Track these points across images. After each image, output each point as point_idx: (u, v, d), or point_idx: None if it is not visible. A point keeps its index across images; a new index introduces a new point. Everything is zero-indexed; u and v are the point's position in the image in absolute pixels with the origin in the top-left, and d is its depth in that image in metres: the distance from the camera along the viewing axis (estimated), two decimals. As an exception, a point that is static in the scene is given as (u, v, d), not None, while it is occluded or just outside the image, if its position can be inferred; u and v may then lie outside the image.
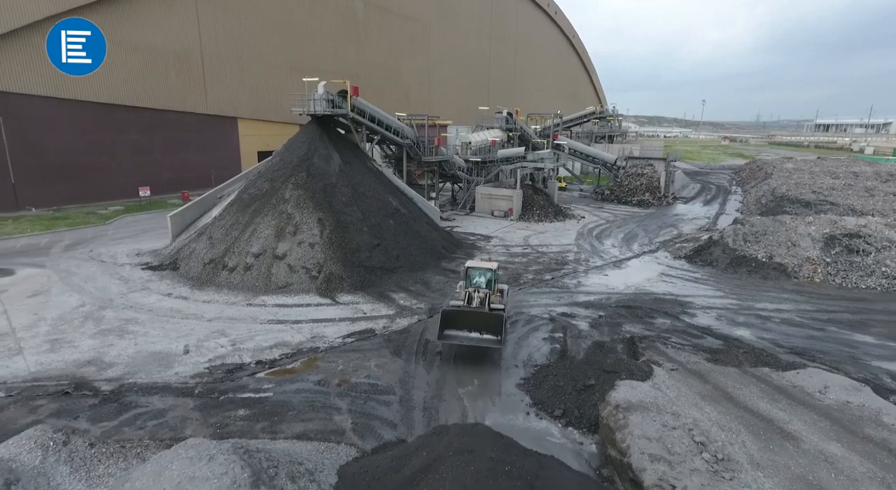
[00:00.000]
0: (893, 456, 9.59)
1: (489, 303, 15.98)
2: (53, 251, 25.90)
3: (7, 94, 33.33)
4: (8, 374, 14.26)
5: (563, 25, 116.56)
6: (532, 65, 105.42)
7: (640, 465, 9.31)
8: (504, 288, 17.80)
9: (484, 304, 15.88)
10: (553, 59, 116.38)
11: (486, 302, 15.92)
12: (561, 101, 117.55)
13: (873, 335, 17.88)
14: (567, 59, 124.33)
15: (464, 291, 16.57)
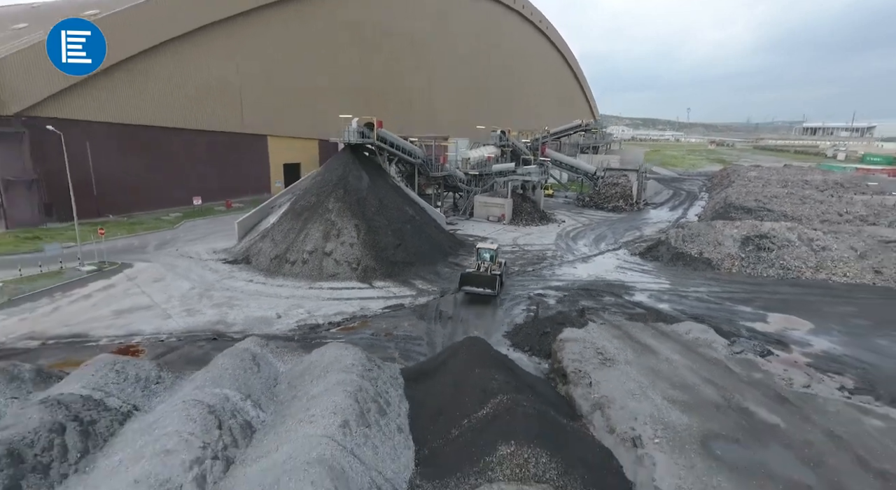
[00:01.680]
0: (706, 360, 17.19)
1: (490, 270, 26.36)
2: (149, 250, 33.41)
3: (91, 123, 40.73)
4: (170, 328, 21.77)
5: (557, 41, 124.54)
6: (527, 78, 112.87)
7: (566, 365, 16.88)
8: (502, 261, 28.72)
9: (487, 270, 26.26)
10: (547, 72, 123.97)
11: (488, 269, 26.40)
12: (555, 111, 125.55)
13: (752, 307, 25.48)
14: (560, 72, 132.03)
15: (476, 263, 27.25)
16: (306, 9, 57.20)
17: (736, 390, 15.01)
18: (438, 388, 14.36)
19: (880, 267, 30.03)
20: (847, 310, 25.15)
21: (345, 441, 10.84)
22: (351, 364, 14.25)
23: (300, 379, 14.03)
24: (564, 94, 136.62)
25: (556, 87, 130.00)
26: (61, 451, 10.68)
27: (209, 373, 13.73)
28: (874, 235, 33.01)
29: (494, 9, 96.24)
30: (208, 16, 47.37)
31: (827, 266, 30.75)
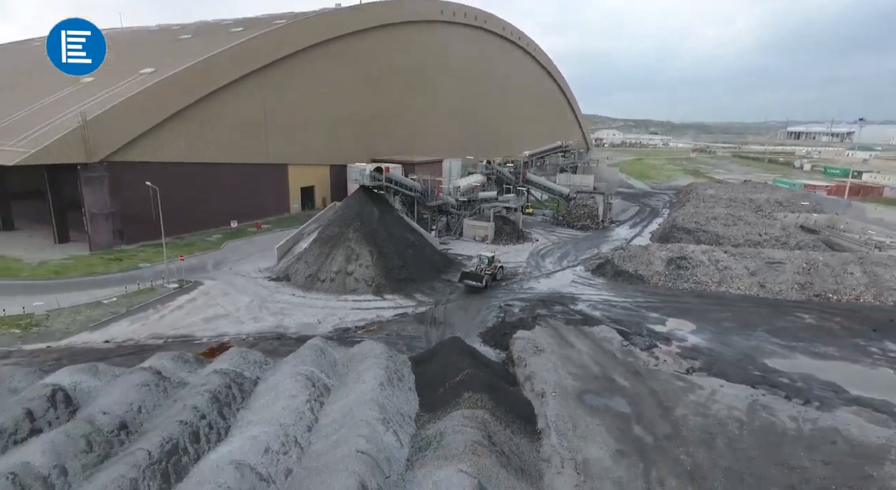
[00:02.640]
0: (602, 351, 26.91)
1: (483, 270, 38.07)
2: (209, 269, 42.94)
3: (150, 163, 50.06)
4: (245, 330, 31.33)
5: (547, 65, 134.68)
6: (519, 100, 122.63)
7: (513, 354, 26.56)
8: (500, 265, 41.23)
9: (481, 270, 37.67)
10: (538, 94, 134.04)
11: (482, 269, 37.83)
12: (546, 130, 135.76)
13: (659, 313, 35.22)
14: (551, 94, 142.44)
15: (476, 264, 39.48)
16: (321, 54, 66.52)
17: (611, 368, 24.75)
18: (431, 368, 24.00)
19: (764, 282, 39.89)
20: (725, 315, 34.95)
21: (382, 393, 20.41)
22: (379, 353, 23.88)
23: (350, 361, 23.65)
24: (555, 114, 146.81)
25: (547, 108, 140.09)
26: (233, 396, 20.28)
27: (297, 358, 23.33)
28: (766, 257, 42.74)
29: (489, 38, 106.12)
30: (243, 69, 56.79)
31: (727, 281, 40.61)
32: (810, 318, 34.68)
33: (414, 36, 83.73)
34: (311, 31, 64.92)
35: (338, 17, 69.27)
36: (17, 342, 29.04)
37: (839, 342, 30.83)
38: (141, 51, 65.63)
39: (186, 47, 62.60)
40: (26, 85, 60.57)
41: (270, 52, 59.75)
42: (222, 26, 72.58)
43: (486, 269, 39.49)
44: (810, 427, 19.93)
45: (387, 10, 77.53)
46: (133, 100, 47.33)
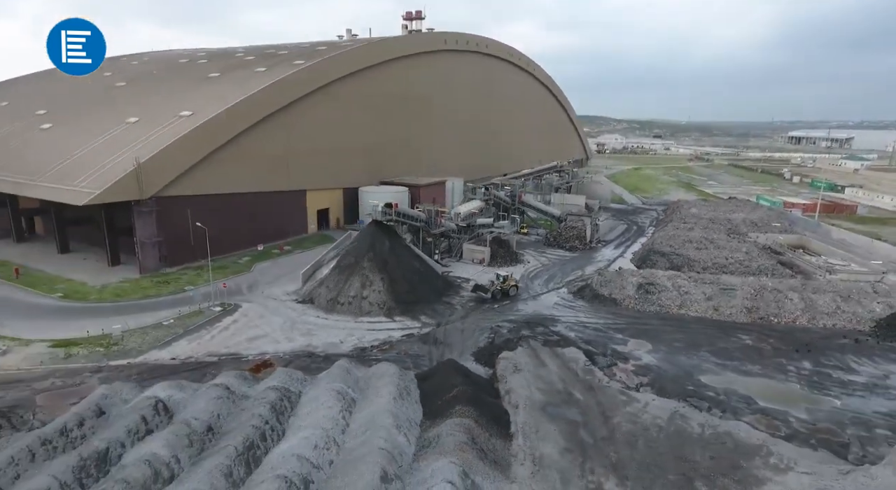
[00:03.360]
0: (568, 369, 33.95)
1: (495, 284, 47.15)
2: (244, 291, 50.25)
3: (190, 196, 57.40)
4: (282, 349, 38.56)
5: (550, 85, 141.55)
6: (522, 118, 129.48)
7: (497, 371, 33.65)
8: (513, 282, 49.21)
9: (493, 285, 46.70)
10: (540, 112, 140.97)
11: (495, 284, 46.74)
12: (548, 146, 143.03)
13: (624, 334, 42.15)
14: (553, 111, 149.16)
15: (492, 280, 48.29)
16: (336, 89, 73.65)
17: (571, 385, 31.80)
18: (432, 384, 31.11)
19: (718, 306, 46.77)
20: (679, 336, 41.86)
21: (395, 405, 27.54)
22: (392, 373, 31.05)
23: (370, 379, 30.82)
24: (556, 127, 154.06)
25: (547, 122, 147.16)
26: (285, 407, 27.51)
27: (330, 376, 30.50)
28: (722, 283, 49.47)
29: (489, 62, 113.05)
30: (268, 110, 64.05)
31: (686, 305, 47.49)
32: (749, 340, 41.55)
33: (420, 66, 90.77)
34: (328, 70, 72.11)
35: (353, 55, 76.37)
36: (103, 359, 36.43)
37: (765, 361, 37.74)
38: (176, 88, 72.99)
39: (216, 87, 69.91)
40: (76, 120, 68.00)
41: (292, 93, 66.98)
42: (244, 63, 79.85)
43: (500, 285, 49.39)
44: (711, 431, 26.88)
45: (396, 45, 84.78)
46: (176, 144, 54.64)
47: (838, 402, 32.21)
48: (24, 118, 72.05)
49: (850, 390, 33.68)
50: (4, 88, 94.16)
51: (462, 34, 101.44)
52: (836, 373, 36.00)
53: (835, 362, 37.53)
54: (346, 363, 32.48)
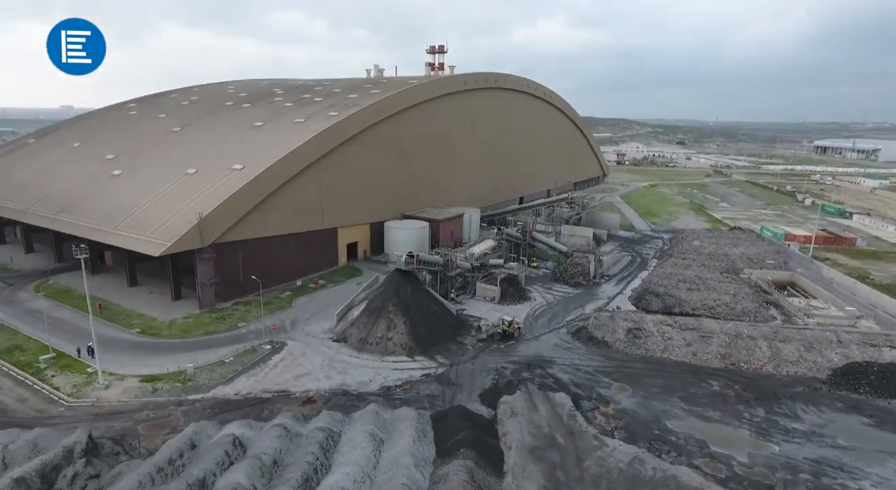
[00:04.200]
0: (555, 414, 41.52)
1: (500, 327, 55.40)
2: (287, 328, 58.94)
3: (241, 241, 66.41)
4: (323, 387, 47.00)
5: (566, 109, 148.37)
6: (539, 144, 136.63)
7: (497, 414, 41.49)
8: (517, 325, 56.85)
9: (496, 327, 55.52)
10: (557, 136, 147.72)
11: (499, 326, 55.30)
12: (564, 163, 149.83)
13: (610, 378, 49.40)
14: (568, 131, 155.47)
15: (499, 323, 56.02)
16: (365, 136, 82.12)
17: (556, 429, 39.40)
18: (444, 426, 39.07)
19: (696, 352, 53.63)
20: (657, 381, 48.94)
21: (414, 446, 35.59)
22: (413, 417, 39.16)
23: (394, 421, 38.96)
24: (572, 148, 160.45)
25: (564, 144, 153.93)
26: (330, 445, 35.86)
27: (364, 418, 38.73)
28: (703, 329, 56.17)
29: (506, 95, 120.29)
30: (307, 161, 72.83)
31: (669, 350, 54.46)
32: (717, 385, 48.45)
33: (442, 107, 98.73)
34: (359, 120, 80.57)
35: (381, 105, 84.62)
36: (182, 393, 45.44)
37: (727, 407, 44.68)
38: (225, 137, 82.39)
39: (261, 138, 79.07)
40: (142, 167, 77.89)
41: (327, 144, 75.64)
42: (284, 110, 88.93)
43: (504, 328, 57.45)
44: (660, 474, 34.21)
45: (420, 91, 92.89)
46: (231, 199, 63.63)
47: (777, 449, 39.12)
48: (96, 162, 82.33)
49: (791, 437, 40.50)
50: (78, 125, 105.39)
51: (480, 74, 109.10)
52: (783, 420, 42.78)
53: (785, 410, 44.26)
54: (376, 407, 40.77)
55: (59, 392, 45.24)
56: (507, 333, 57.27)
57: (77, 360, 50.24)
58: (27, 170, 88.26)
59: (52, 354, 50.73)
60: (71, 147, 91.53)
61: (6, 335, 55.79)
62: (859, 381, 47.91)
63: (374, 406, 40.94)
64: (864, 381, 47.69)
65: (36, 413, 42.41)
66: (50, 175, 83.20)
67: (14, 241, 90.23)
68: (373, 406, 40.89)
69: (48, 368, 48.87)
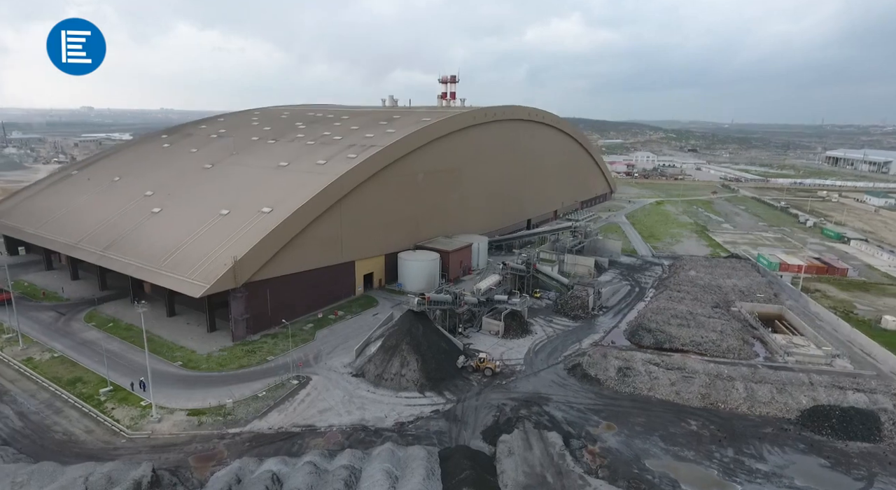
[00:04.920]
0: (547, 453, 47.73)
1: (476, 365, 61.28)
2: (311, 362, 65.75)
3: (267, 279, 73.45)
4: (344, 422, 53.66)
5: (571, 132, 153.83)
6: (546, 168, 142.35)
7: (497, 454, 47.83)
8: (494, 363, 62.39)
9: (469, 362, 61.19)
10: (564, 159, 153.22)
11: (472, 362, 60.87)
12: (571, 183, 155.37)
13: (598, 416, 55.38)
14: (575, 153, 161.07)
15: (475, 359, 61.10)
16: (382, 176, 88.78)
17: (547, 469, 45.59)
18: (449, 464, 45.44)
19: (679, 391, 59.39)
20: (641, 420, 54.82)
21: (423, 484, 42.08)
22: (422, 456, 45.66)
23: (407, 459, 45.46)
24: (579, 169, 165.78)
25: (571, 165, 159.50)
26: (353, 481, 42.49)
27: (381, 456, 45.27)
28: (687, 369, 61.85)
29: (514, 124, 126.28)
30: (329, 202, 79.65)
31: (654, 388, 60.28)
32: (695, 425, 54.22)
33: (453, 142, 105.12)
34: (377, 162, 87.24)
35: (396, 147, 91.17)
36: (223, 427, 52.41)
37: (701, 447, 50.49)
38: (254, 177, 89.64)
39: (287, 179, 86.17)
40: (179, 206, 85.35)
41: (347, 185, 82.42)
42: (306, 149, 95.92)
43: (476, 363, 63.43)
44: (632, 513, 40.31)
45: (433, 130, 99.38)
46: (261, 242, 70.60)
47: (739, 489, 44.95)
48: (136, 198, 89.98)
49: (753, 477, 46.25)
50: (117, 158, 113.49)
51: (489, 108, 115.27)
52: (749, 461, 48.50)
53: (752, 451, 49.96)
54: (391, 445, 47.36)
55: (120, 424, 52.47)
56: (479, 369, 63.31)
57: (131, 394, 57.51)
58: (72, 203, 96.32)
59: (110, 387, 58.06)
60: (112, 181, 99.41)
61: (67, 367, 63.36)
62: (823, 423, 53.36)
63: (389, 445, 47.53)
64: (827, 423, 53.14)
65: (103, 444, 49.63)
66: (94, 209, 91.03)
67: (60, 267, 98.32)
68: (388, 445, 47.48)
69: (108, 401, 56.17)
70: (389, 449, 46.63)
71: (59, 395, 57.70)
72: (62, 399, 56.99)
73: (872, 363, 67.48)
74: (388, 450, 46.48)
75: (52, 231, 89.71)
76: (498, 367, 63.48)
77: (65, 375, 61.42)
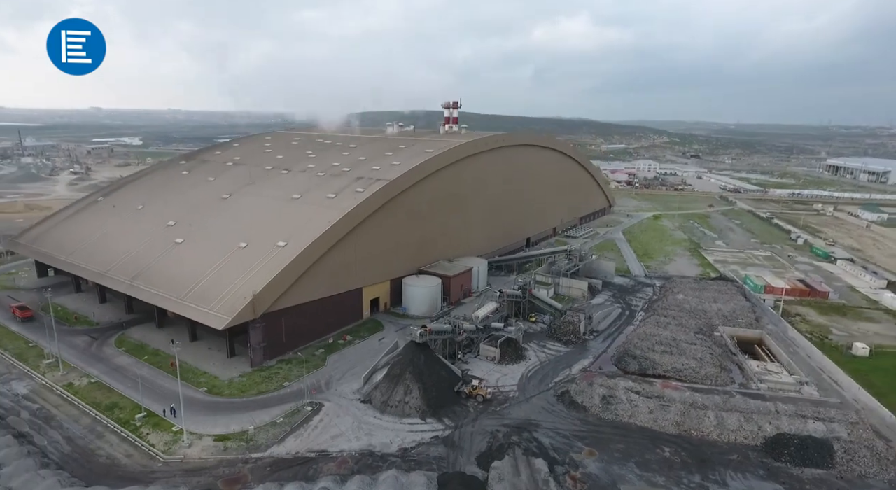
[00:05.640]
0: (533, 480, 54.06)
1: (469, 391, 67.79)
2: (323, 388, 72.29)
3: (282, 310, 79.98)
4: (354, 448, 60.13)
5: (569, 152, 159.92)
6: (545, 185, 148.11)
7: (489, 480, 54.20)
8: (486, 390, 68.63)
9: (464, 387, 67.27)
10: (561, 175, 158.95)
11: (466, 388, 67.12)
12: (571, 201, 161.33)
13: (582, 442, 61.54)
14: (573, 172, 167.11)
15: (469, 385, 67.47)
16: (386, 208, 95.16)
17: (531, 493, 51.94)
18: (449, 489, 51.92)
19: (656, 418, 65.49)
20: (620, 446, 60.96)
21: (423, 506, 48.56)
22: (423, 483, 52.11)
23: (409, 485, 51.92)
24: (578, 187, 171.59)
25: (570, 184, 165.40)
26: (362, 505, 49.03)
27: (386, 482, 51.75)
28: (665, 398, 67.84)
29: (516, 149, 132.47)
30: (339, 235, 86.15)
31: (635, 416, 66.37)
32: (668, 451, 60.33)
33: (455, 170, 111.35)
34: (383, 195, 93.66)
35: (403, 179, 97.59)
36: (246, 452, 59.03)
37: (671, 473, 56.60)
38: (269, 208, 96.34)
39: (300, 211, 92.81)
40: (199, 237, 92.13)
41: (356, 219, 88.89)
42: (318, 182, 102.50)
43: (470, 390, 69.52)
44: (604, 536, 46.56)
45: (439, 161, 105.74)
46: (277, 277, 77.24)
47: (701, 513, 51.10)
48: (159, 228, 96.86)
49: (715, 503, 52.42)
50: (139, 186, 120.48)
51: (490, 137, 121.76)
52: (713, 486, 54.61)
53: (717, 477, 56.07)
54: (396, 472, 53.80)
55: (155, 449, 59.23)
56: (472, 395, 69.61)
57: (163, 419, 64.27)
58: (100, 230, 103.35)
59: (144, 413, 64.84)
60: (135, 209, 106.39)
61: (104, 392, 70.25)
62: (783, 450, 59.32)
63: (394, 472, 53.98)
64: (786, 451, 59.11)
65: (141, 468, 56.39)
66: (121, 238, 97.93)
67: (88, 289, 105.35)
68: (393, 472, 53.94)
69: (143, 426, 62.96)
70: (394, 475, 53.09)
71: (99, 420, 64.52)
72: (102, 424, 63.80)
73: (837, 390, 73.26)
74: (393, 476, 52.93)
75: (82, 258, 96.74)
76: (489, 394, 69.69)
77: (103, 401, 68.25)
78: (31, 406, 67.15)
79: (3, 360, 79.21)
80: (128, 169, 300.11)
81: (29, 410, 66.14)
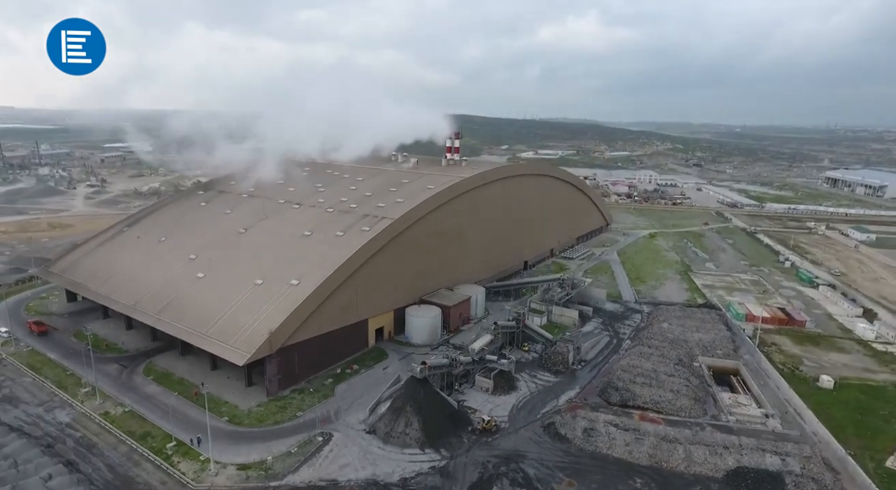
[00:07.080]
0: (517, 509, 61.78)
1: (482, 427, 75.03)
2: (333, 419, 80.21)
3: (295, 344, 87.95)
4: (360, 477, 67.99)
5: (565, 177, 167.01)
6: (541, 209, 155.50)
7: (477, 508, 61.97)
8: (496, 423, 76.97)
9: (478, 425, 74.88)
10: (558, 199, 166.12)
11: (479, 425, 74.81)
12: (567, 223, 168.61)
13: (563, 473, 69.12)
14: (570, 195, 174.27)
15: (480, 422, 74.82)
16: (391, 245, 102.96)
17: (514, 523, 59.61)
18: (441, 518, 59.71)
19: (632, 450, 72.92)
20: (597, 477, 68.45)
21: (420, 534, 56.31)
22: (420, 510, 59.97)
23: (408, 514, 59.80)
24: (575, 209, 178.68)
25: (567, 207, 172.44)
26: (368, 533, 56.92)
27: (388, 512, 59.63)
28: (641, 431, 75.16)
29: (513, 180, 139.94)
30: (347, 273, 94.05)
31: (612, 448, 73.82)
32: (640, 482, 67.71)
33: (455, 204, 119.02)
34: (388, 234, 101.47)
35: (406, 216, 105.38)
36: (266, 480, 67.02)
37: (640, 504, 64.12)
38: (282, 245, 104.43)
39: (311, 249, 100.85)
40: (218, 272, 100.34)
41: (363, 257, 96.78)
42: (327, 218, 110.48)
43: (483, 426, 76.38)
44: (574, 563, 54.13)
45: (441, 197, 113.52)
46: (291, 316, 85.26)
47: (662, 542, 58.59)
48: (182, 262, 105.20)
49: (675, 532, 59.90)
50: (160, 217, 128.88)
51: (489, 170, 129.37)
52: (675, 517, 62.14)
53: (680, 508, 63.58)
54: (397, 501, 61.68)
55: (186, 477, 67.34)
56: (487, 429, 77.23)
57: (191, 449, 72.40)
58: (126, 260, 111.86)
59: (174, 442, 73.01)
60: (158, 241, 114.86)
61: (137, 421, 78.50)
62: (741, 483, 66.72)
63: (395, 501, 61.86)
64: (744, 483, 66.50)
65: (174, 495, 64.62)
66: (146, 270, 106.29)
67: (115, 315, 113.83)
68: (394, 501, 61.81)
69: (174, 455, 71.10)
70: (395, 505, 60.95)
71: (135, 448, 72.75)
72: (138, 452, 72.03)
73: (800, 424, 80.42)
74: (394, 506, 60.79)
75: (111, 288, 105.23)
76: (494, 426, 77.72)
77: (137, 430, 76.48)
78: (75, 434, 75.47)
79: (45, 387, 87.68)
80: (141, 180, 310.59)
81: (73, 438, 74.47)
